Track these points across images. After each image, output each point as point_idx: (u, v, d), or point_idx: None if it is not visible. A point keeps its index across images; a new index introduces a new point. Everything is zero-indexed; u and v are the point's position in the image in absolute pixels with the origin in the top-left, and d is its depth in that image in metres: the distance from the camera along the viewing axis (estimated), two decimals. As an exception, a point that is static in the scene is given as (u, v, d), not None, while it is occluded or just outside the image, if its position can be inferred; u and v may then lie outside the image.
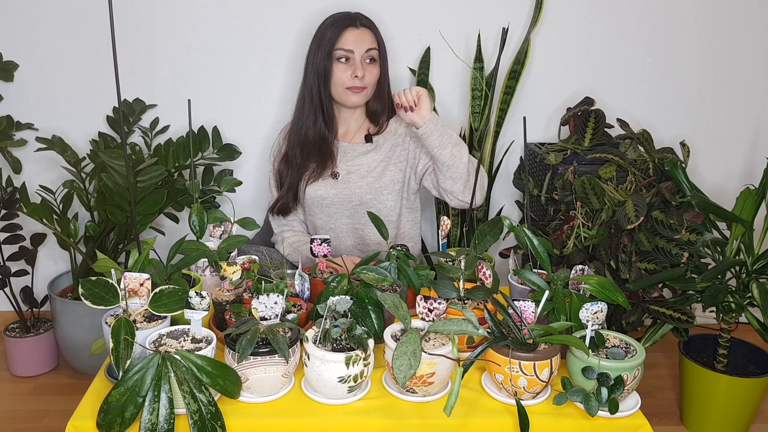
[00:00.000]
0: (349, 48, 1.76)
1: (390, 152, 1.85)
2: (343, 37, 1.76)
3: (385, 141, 1.87)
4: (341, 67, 1.78)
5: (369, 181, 1.83)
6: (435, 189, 1.84)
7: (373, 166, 1.84)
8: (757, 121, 2.38)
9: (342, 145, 1.88)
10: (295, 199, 1.89)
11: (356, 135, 1.89)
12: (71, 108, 2.23)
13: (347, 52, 1.76)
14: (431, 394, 1.17)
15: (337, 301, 1.17)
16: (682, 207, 1.69)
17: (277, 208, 1.89)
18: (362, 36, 1.77)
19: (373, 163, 1.85)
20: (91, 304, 1.12)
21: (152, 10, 2.16)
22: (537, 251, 1.33)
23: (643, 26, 2.25)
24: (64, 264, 2.38)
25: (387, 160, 1.85)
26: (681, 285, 1.68)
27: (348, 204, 1.84)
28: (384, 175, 1.83)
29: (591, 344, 1.16)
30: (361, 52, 1.77)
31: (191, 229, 1.40)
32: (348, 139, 1.89)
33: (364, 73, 1.77)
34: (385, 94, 1.87)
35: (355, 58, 1.77)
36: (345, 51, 1.76)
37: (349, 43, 1.76)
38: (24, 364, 2.19)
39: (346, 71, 1.77)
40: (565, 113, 2.10)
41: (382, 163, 1.85)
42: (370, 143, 1.87)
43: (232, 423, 1.10)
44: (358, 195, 1.83)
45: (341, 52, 1.76)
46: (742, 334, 1.99)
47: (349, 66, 1.77)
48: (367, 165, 1.85)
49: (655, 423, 2.01)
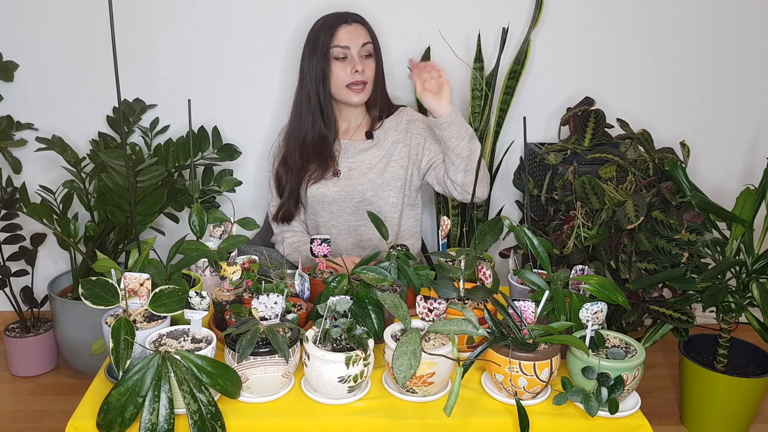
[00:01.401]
0: (345, 44, 1.76)
1: (391, 148, 1.85)
2: (337, 34, 1.76)
3: (386, 137, 1.86)
4: (339, 65, 1.78)
5: (371, 177, 1.83)
6: (440, 183, 1.83)
7: (374, 163, 1.84)
8: (757, 121, 2.38)
9: (343, 142, 1.88)
10: (297, 205, 1.89)
11: (357, 132, 1.89)
12: (71, 108, 2.23)
13: (344, 49, 1.76)
14: (431, 394, 1.17)
15: (337, 301, 1.17)
16: (682, 207, 1.69)
17: (281, 216, 1.89)
18: (356, 31, 1.77)
19: (375, 159, 1.85)
20: (91, 304, 1.12)
21: (152, 10, 2.16)
22: (537, 251, 1.33)
23: (643, 26, 2.25)
24: (64, 264, 2.38)
25: (388, 156, 1.84)
26: (681, 285, 1.68)
27: (350, 201, 1.84)
28: (386, 171, 1.83)
29: (591, 344, 1.16)
30: (358, 46, 1.77)
31: (191, 229, 1.40)
32: (349, 136, 1.89)
33: (363, 67, 1.77)
34: (380, 89, 1.88)
35: (353, 53, 1.77)
36: (341, 48, 1.76)
37: (344, 39, 1.76)
38: (24, 364, 2.20)
39: (345, 68, 1.77)
40: (565, 113, 2.10)
41: (384, 159, 1.84)
42: (371, 140, 1.86)
43: (232, 423, 1.10)
44: (360, 192, 1.83)
45: (338, 50, 1.76)
46: (742, 334, 1.99)
47: (348, 63, 1.77)
48: (369, 161, 1.85)
49: (655, 423, 2.01)
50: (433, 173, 1.85)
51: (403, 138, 1.85)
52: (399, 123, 1.88)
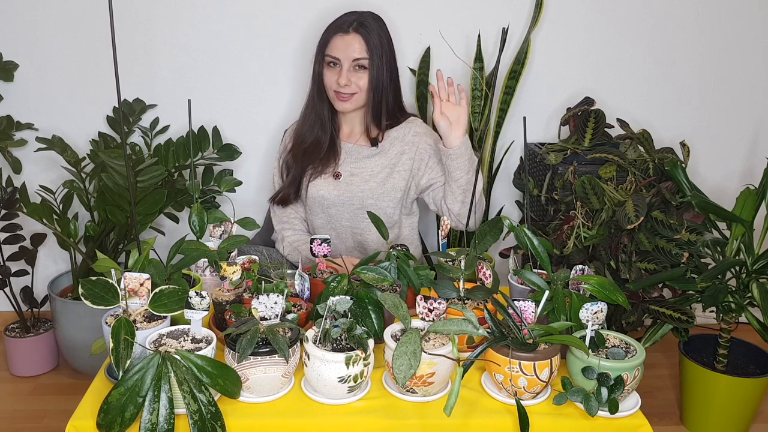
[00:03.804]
0: (334, 55, 1.76)
1: (395, 159, 1.83)
2: (331, 43, 1.76)
3: (392, 146, 1.84)
4: (330, 71, 1.78)
5: (372, 185, 1.82)
6: (436, 205, 1.83)
7: (377, 171, 1.83)
8: (757, 121, 2.38)
9: (346, 145, 1.87)
10: (297, 193, 1.88)
11: (362, 137, 1.87)
12: (71, 108, 2.23)
13: (334, 59, 1.76)
14: (431, 394, 1.17)
15: (337, 301, 1.17)
16: (682, 207, 1.69)
17: (279, 198, 1.89)
18: (351, 43, 1.74)
19: (377, 167, 1.83)
20: (91, 304, 1.12)
21: (152, 10, 2.16)
22: (537, 251, 1.33)
23: (643, 26, 2.25)
24: (64, 264, 2.38)
25: (392, 167, 1.83)
26: (681, 285, 1.68)
27: (349, 206, 1.83)
28: (387, 182, 1.82)
29: (591, 344, 1.16)
30: (348, 60, 1.75)
31: (191, 229, 1.40)
32: (353, 140, 1.87)
33: (348, 80, 1.75)
34: (383, 98, 1.81)
35: (343, 65, 1.76)
36: (332, 58, 1.77)
37: (334, 50, 1.76)
38: (24, 364, 2.20)
39: (333, 76, 1.77)
40: (565, 113, 2.10)
41: (387, 168, 1.83)
42: (375, 147, 1.85)
43: (232, 423, 1.10)
44: (360, 198, 1.82)
45: (329, 58, 1.77)
46: (742, 334, 1.99)
47: (336, 72, 1.77)
48: (371, 169, 1.83)
49: (655, 423, 2.01)
50: (431, 194, 1.84)
51: (408, 150, 1.83)
52: (406, 134, 1.85)
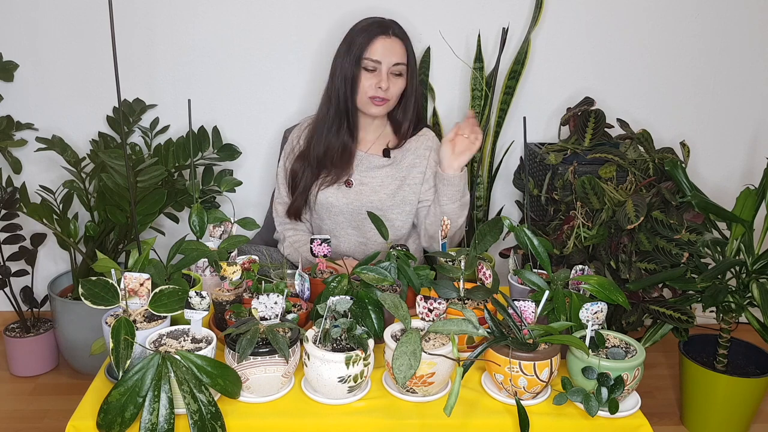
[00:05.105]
0: (376, 58, 1.70)
1: (406, 171, 1.80)
2: (372, 45, 1.70)
3: (404, 158, 1.81)
4: (367, 75, 1.72)
5: (381, 196, 1.79)
6: (417, 218, 1.83)
7: (387, 182, 1.80)
8: (757, 121, 2.38)
9: (359, 153, 1.82)
10: (306, 203, 1.85)
11: (373, 146, 1.83)
12: (71, 108, 2.23)
13: (375, 63, 1.70)
14: (431, 394, 1.17)
15: (337, 301, 1.17)
16: (682, 207, 1.69)
17: (292, 211, 1.85)
18: (393, 47, 1.71)
19: (388, 179, 1.80)
20: (91, 304, 1.12)
21: (152, 10, 2.16)
22: (537, 251, 1.33)
23: (643, 26, 2.25)
24: (64, 264, 2.38)
25: (402, 179, 1.80)
26: (681, 285, 1.68)
27: (357, 215, 1.80)
28: (397, 194, 1.79)
29: (591, 344, 1.16)
30: (389, 64, 1.71)
31: (191, 229, 1.40)
32: (365, 148, 1.83)
33: (388, 85, 1.71)
34: (411, 107, 1.80)
35: (382, 69, 1.71)
36: (372, 61, 1.70)
37: (377, 53, 1.70)
38: (24, 364, 2.20)
39: (371, 80, 1.71)
40: (565, 113, 2.10)
41: (397, 180, 1.80)
42: (388, 158, 1.82)
43: (232, 423, 1.10)
44: (368, 208, 1.78)
45: (368, 62, 1.71)
46: (742, 334, 1.99)
47: (375, 76, 1.71)
48: (381, 180, 1.80)
49: (655, 423, 2.01)
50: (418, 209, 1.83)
51: (419, 164, 1.81)
52: (418, 147, 1.82)
